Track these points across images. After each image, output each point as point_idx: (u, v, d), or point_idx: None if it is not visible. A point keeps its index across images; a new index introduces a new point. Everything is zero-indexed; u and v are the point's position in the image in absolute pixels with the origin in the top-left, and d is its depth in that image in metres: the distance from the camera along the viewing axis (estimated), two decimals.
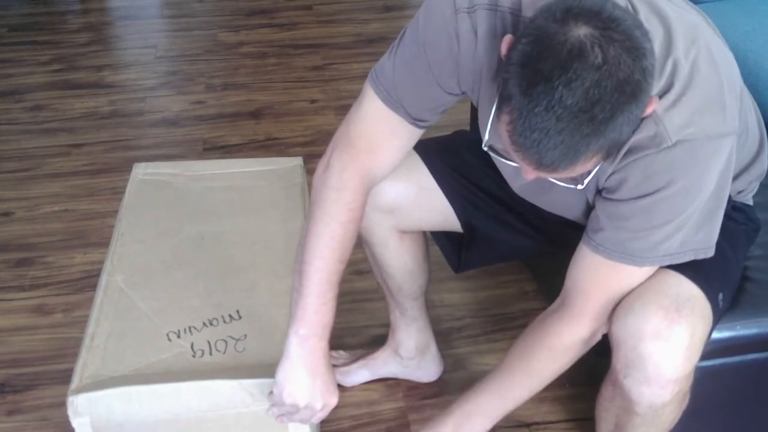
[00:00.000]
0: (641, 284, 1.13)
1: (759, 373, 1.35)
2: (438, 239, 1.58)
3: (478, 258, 1.50)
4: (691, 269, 1.12)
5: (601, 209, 1.10)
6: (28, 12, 3.57)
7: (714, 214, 1.10)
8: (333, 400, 1.19)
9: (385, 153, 1.21)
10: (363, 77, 1.22)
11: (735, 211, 1.29)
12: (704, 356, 1.28)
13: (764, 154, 1.30)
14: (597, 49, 0.87)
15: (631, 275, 1.11)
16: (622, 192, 1.06)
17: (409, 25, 1.16)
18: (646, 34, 0.92)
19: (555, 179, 1.02)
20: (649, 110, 0.96)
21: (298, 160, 1.72)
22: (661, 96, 1.00)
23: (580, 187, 1.04)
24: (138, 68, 3.08)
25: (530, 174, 0.99)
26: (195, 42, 3.27)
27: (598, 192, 1.11)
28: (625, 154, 1.03)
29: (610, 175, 1.07)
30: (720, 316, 1.21)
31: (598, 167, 1.02)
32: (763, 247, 1.39)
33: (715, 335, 1.26)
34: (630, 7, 1.01)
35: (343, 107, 2.75)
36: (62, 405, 1.17)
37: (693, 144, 1.00)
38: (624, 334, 1.11)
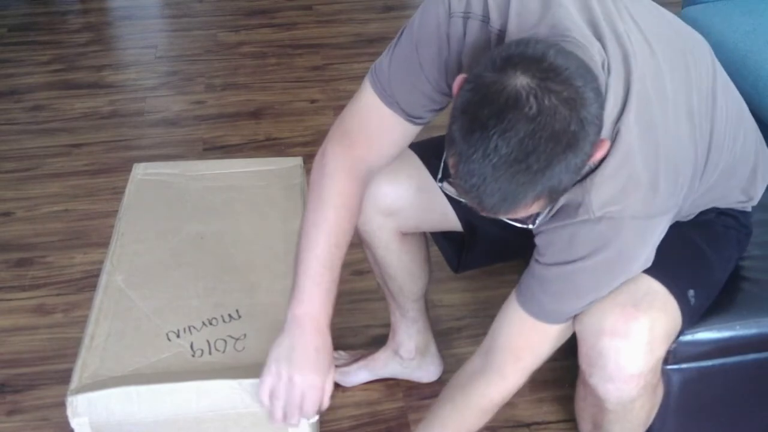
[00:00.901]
0: None
1: (759, 373, 1.35)
2: (437, 240, 1.58)
3: (478, 257, 1.50)
4: (654, 266, 1.12)
5: (531, 268, 1.13)
6: (28, 12, 3.57)
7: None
8: (318, 379, 1.14)
9: (380, 146, 1.22)
10: (363, 77, 1.23)
11: (723, 216, 1.29)
12: (704, 356, 1.29)
13: (759, 176, 1.29)
14: (532, 100, 0.86)
15: (555, 332, 1.16)
16: (548, 256, 1.08)
17: (406, 24, 1.17)
18: (592, 80, 0.91)
19: (505, 219, 1.01)
20: (599, 154, 0.95)
21: (298, 160, 1.72)
22: (598, 164, 0.99)
23: (531, 227, 1.04)
24: (138, 68, 3.08)
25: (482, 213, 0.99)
26: (195, 42, 3.27)
27: (535, 245, 1.13)
28: (554, 216, 1.05)
29: (541, 233, 1.08)
30: (697, 313, 1.21)
31: (547, 210, 1.02)
32: (763, 247, 1.39)
33: (715, 335, 1.26)
34: (598, 47, 0.98)
35: (342, 107, 2.72)
36: (62, 405, 1.17)
37: (617, 222, 1.01)
38: (584, 333, 1.13)
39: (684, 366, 1.29)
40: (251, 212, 1.56)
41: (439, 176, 1.08)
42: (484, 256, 1.50)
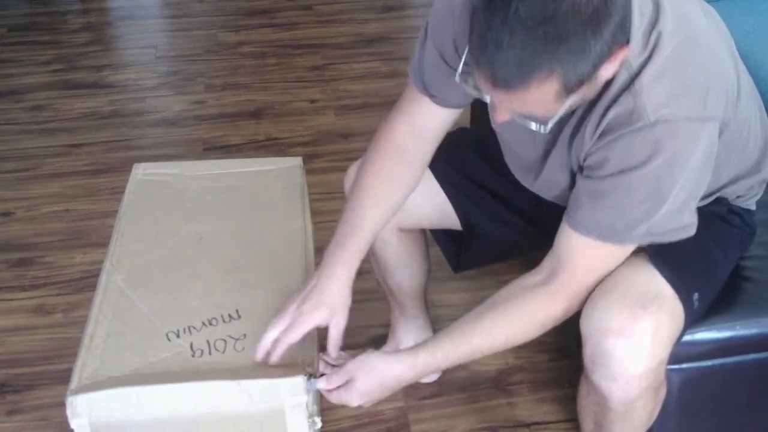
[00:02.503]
0: (611, 278, 1.13)
1: (759, 373, 1.35)
2: (438, 238, 1.58)
3: (477, 256, 1.50)
4: (666, 266, 1.13)
5: (582, 187, 1.11)
6: (28, 12, 3.57)
7: (696, 197, 1.10)
8: (323, 313, 1.21)
9: (423, 133, 1.29)
10: (363, 77, 1.24)
11: (731, 215, 1.29)
12: (704, 356, 1.29)
13: (766, 163, 1.30)
14: None
15: (612, 253, 1.12)
16: (604, 170, 1.06)
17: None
18: None
19: (520, 115, 1.02)
20: (615, 60, 0.95)
21: (298, 160, 1.72)
22: (641, 68, 1.00)
23: (543, 130, 1.03)
24: (138, 68, 3.08)
25: (498, 110, 1.01)
26: (195, 42, 3.27)
27: (581, 170, 1.12)
28: (604, 132, 1.04)
29: (592, 154, 1.07)
30: (697, 315, 1.21)
31: (561, 110, 1.00)
32: (763, 247, 1.39)
33: (715, 335, 1.26)
34: None
35: (343, 107, 2.75)
36: (62, 405, 1.17)
37: (672, 125, 1.00)
38: (589, 330, 1.12)
39: (684, 366, 1.29)
40: (251, 212, 1.56)
41: (459, 71, 1.08)
42: (483, 256, 1.50)
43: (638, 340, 1.09)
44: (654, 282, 1.12)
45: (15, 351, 1.79)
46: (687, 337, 1.24)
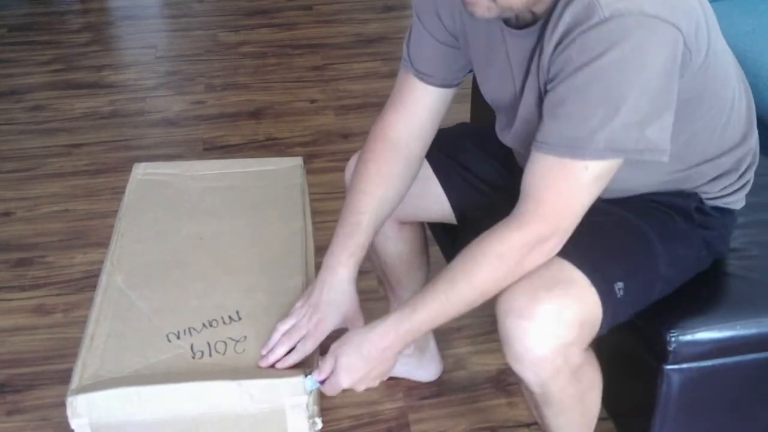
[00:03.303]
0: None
1: (759, 373, 1.35)
2: (436, 234, 1.58)
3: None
4: (581, 255, 1.12)
5: (545, 105, 1.09)
6: (28, 12, 3.57)
7: (661, 115, 1.05)
8: (335, 320, 1.24)
9: (411, 112, 1.32)
10: (363, 77, 1.24)
11: (699, 213, 1.28)
12: (704, 356, 1.29)
13: (747, 159, 1.29)
14: None
15: (576, 173, 1.07)
16: (562, 74, 1.05)
17: None
18: None
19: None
20: None
21: (298, 160, 1.72)
22: None
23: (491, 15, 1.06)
24: (138, 68, 3.08)
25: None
26: (195, 42, 3.27)
27: (545, 92, 1.11)
28: (562, 37, 1.03)
29: (553, 63, 1.06)
30: (629, 304, 1.20)
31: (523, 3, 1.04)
32: (762, 247, 1.39)
33: (715, 335, 1.26)
34: None
35: (343, 107, 2.75)
36: (62, 405, 1.17)
37: (627, 19, 0.99)
38: (498, 313, 1.12)
39: (684, 366, 1.29)
40: (251, 212, 1.56)
41: None
42: None
43: (538, 321, 1.08)
44: (564, 268, 1.11)
45: (15, 351, 1.79)
46: (687, 337, 1.24)
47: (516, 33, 1.15)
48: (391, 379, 1.70)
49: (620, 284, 1.16)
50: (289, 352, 1.21)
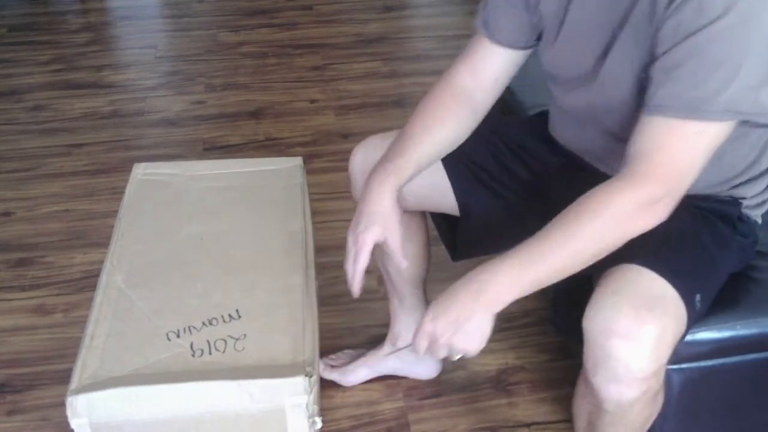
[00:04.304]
0: (614, 281, 1.10)
1: (759, 373, 1.35)
2: (438, 224, 1.58)
3: (474, 244, 1.50)
4: (669, 269, 1.11)
5: (656, 68, 1.09)
6: (28, 12, 3.57)
7: None
8: (375, 232, 1.24)
9: (483, 74, 1.34)
10: (363, 77, 1.24)
11: (740, 222, 1.29)
12: (704, 356, 1.29)
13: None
14: None
15: (695, 135, 1.07)
16: (676, 36, 1.05)
17: None
18: None
19: None
20: None
21: (298, 160, 1.72)
22: None
23: None
24: (138, 68, 3.08)
25: None
26: (195, 42, 3.27)
27: (652, 57, 1.10)
28: None
29: (665, 22, 1.06)
30: (698, 317, 1.20)
31: None
32: (762, 247, 1.39)
33: (715, 335, 1.26)
34: None
35: (343, 107, 2.75)
36: (62, 405, 1.17)
37: None
38: (594, 332, 1.10)
39: (684, 366, 1.29)
40: (251, 212, 1.56)
41: None
42: (479, 243, 1.49)
43: (643, 343, 1.07)
44: (657, 284, 1.10)
45: (15, 351, 1.79)
46: (687, 337, 1.24)
47: None
48: (391, 378, 1.70)
49: (698, 296, 1.16)
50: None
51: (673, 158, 1.08)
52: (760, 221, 1.33)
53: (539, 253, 1.09)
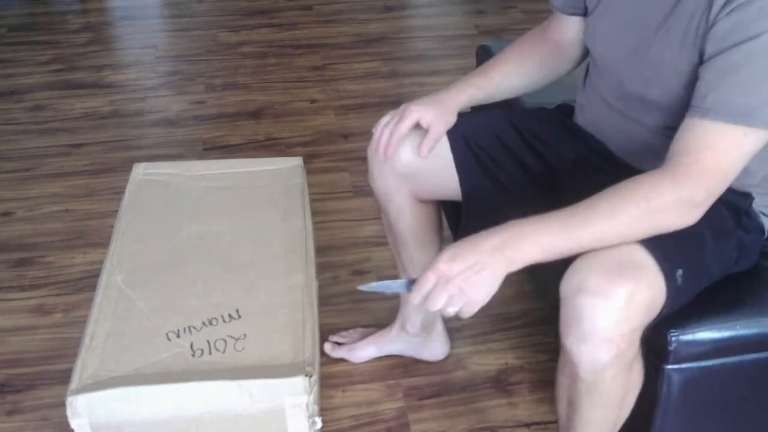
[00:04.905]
0: (594, 249, 1.11)
1: (759, 373, 1.35)
2: (446, 209, 1.59)
3: (475, 229, 1.50)
4: (651, 239, 1.11)
5: (709, 69, 1.08)
6: (28, 12, 3.57)
7: None
8: (427, 113, 1.34)
9: (564, 37, 1.44)
10: (363, 77, 1.24)
11: (747, 218, 1.28)
12: (704, 356, 1.29)
13: None
14: None
15: (741, 139, 1.07)
16: (733, 37, 1.04)
17: None
18: None
19: None
20: None
21: (298, 160, 1.72)
22: None
23: None
24: (138, 68, 3.08)
25: None
26: (195, 42, 3.27)
27: (701, 57, 1.10)
28: None
29: (719, 21, 1.05)
30: (682, 294, 1.19)
31: None
32: (763, 247, 1.39)
33: (715, 335, 1.26)
34: None
35: (343, 107, 2.75)
36: (62, 405, 1.17)
37: None
38: (566, 291, 1.11)
39: (684, 366, 1.29)
40: (251, 212, 1.56)
41: None
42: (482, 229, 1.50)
43: (612, 301, 1.07)
44: (637, 252, 1.11)
45: (15, 351, 1.79)
46: (687, 337, 1.24)
47: None
48: (390, 378, 1.70)
49: (680, 271, 1.15)
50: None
51: (718, 160, 1.08)
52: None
53: (569, 225, 1.09)
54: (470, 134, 1.44)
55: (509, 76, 1.43)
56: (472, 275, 1.08)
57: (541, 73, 1.45)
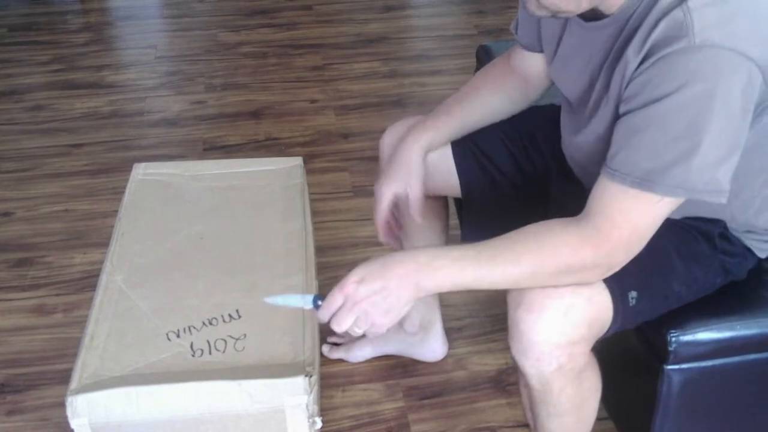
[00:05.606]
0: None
1: (759, 373, 1.35)
2: (456, 202, 1.61)
3: (475, 230, 1.51)
4: None
5: (619, 127, 1.06)
6: (28, 12, 3.57)
7: (731, 156, 1.02)
8: (395, 186, 1.36)
9: (528, 70, 1.43)
10: (363, 77, 1.24)
11: (721, 239, 1.26)
12: (704, 356, 1.29)
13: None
14: None
15: (656, 204, 1.04)
16: (642, 97, 1.02)
17: None
18: None
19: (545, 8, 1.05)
20: None
21: (298, 160, 1.72)
22: None
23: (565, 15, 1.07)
24: (138, 68, 3.08)
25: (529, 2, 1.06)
26: (195, 42, 3.27)
27: (617, 110, 1.09)
28: (649, 52, 1.01)
29: (634, 79, 1.04)
30: (639, 315, 1.20)
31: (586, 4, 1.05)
32: None
33: (715, 335, 1.26)
34: None
35: (343, 107, 2.75)
36: (62, 405, 1.17)
37: (718, 52, 0.96)
38: (509, 304, 1.12)
39: (684, 366, 1.29)
40: (251, 212, 1.56)
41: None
42: (483, 227, 1.50)
43: (545, 316, 1.08)
44: None
45: (15, 351, 1.79)
46: (687, 337, 1.24)
47: (586, 25, 1.14)
48: (390, 378, 1.70)
49: (634, 293, 1.16)
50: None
51: (636, 226, 1.05)
52: (763, 255, 1.30)
53: (487, 267, 1.07)
54: (471, 134, 1.44)
55: (477, 110, 1.42)
56: (379, 300, 1.06)
57: (510, 104, 1.44)
